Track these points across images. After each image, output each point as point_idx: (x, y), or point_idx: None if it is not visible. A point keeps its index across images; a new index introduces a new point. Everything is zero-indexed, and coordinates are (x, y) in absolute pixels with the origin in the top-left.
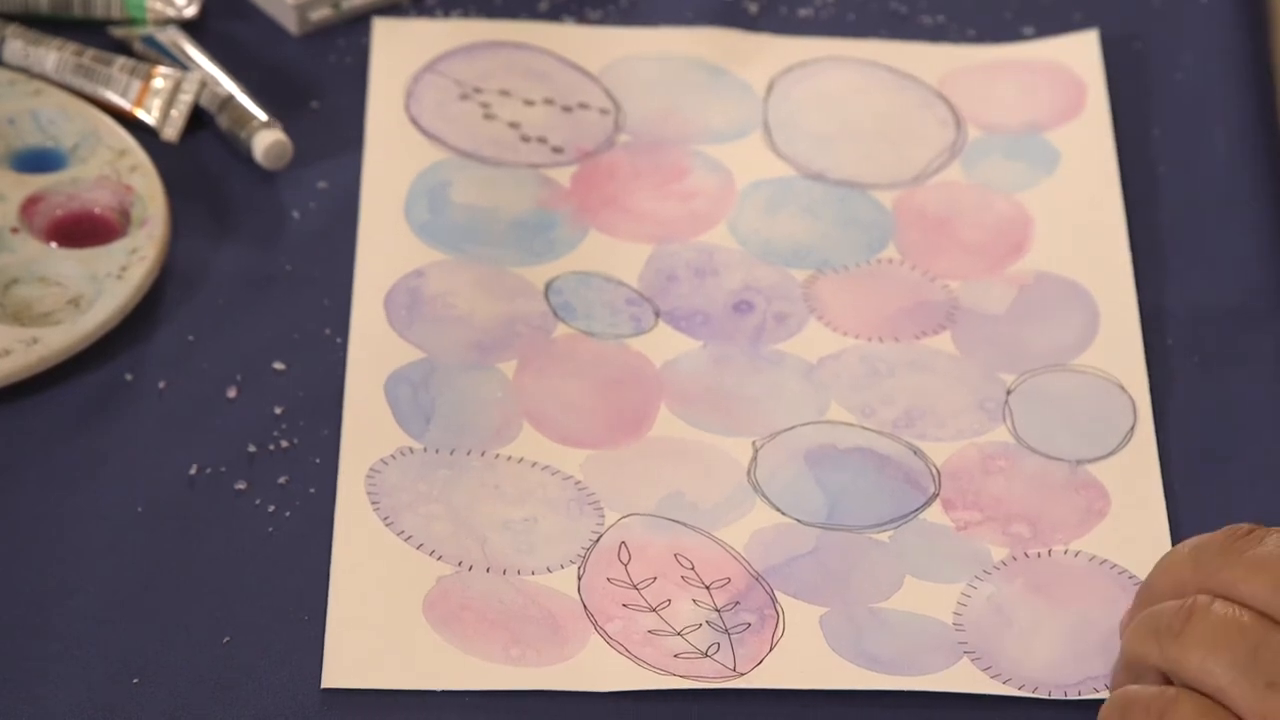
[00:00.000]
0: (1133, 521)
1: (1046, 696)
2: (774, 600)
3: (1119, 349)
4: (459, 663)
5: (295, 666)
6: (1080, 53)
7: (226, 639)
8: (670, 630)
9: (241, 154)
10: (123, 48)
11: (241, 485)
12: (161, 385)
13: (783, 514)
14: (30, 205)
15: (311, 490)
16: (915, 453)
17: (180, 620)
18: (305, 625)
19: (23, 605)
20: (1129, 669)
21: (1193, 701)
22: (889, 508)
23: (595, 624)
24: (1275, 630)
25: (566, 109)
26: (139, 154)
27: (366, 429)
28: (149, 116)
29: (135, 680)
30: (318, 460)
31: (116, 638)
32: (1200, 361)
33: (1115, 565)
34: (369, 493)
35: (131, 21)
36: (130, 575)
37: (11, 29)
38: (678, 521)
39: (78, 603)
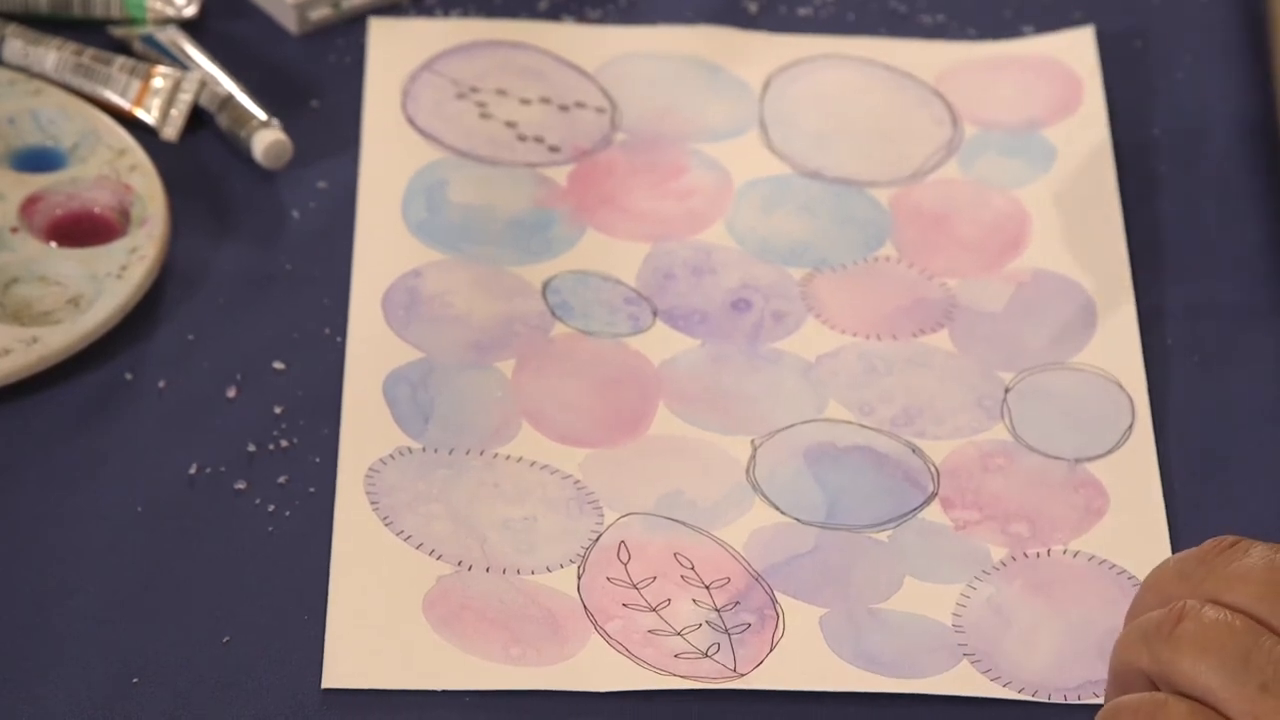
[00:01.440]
0: (1131, 520)
1: (1046, 700)
2: (774, 600)
3: (1116, 346)
4: (459, 662)
5: (295, 666)
6: (1076, 49)
7: (226, 639)
8: (670, 630)
9: (241, 153)
10: (122, 47)
11: (241, 485)
12: (161, 385)
13: (782, 513)
14: (30, 205)
15: (311, 490)
16: (914, 451)
17: (180, 620)
18: (305, 625)
19: (23, 605)
20: (1117, 680)
21: (1182, 704)
22: (888, 506)
23: (595, 623)
24: (1266, 634)
25: (563, 108)
26: (139, 153)
27: (365, 429)
28: (149, 116)
29: (135, 680)
30: (317, 460)
31: (116, 638)
32: (1200, 361)
33: (1114, 566)
34: (368, 492)
35: (131, 21)
36: (130, 575)
37: (11, 28)
38: (677, 520)
39: (78, 603)
